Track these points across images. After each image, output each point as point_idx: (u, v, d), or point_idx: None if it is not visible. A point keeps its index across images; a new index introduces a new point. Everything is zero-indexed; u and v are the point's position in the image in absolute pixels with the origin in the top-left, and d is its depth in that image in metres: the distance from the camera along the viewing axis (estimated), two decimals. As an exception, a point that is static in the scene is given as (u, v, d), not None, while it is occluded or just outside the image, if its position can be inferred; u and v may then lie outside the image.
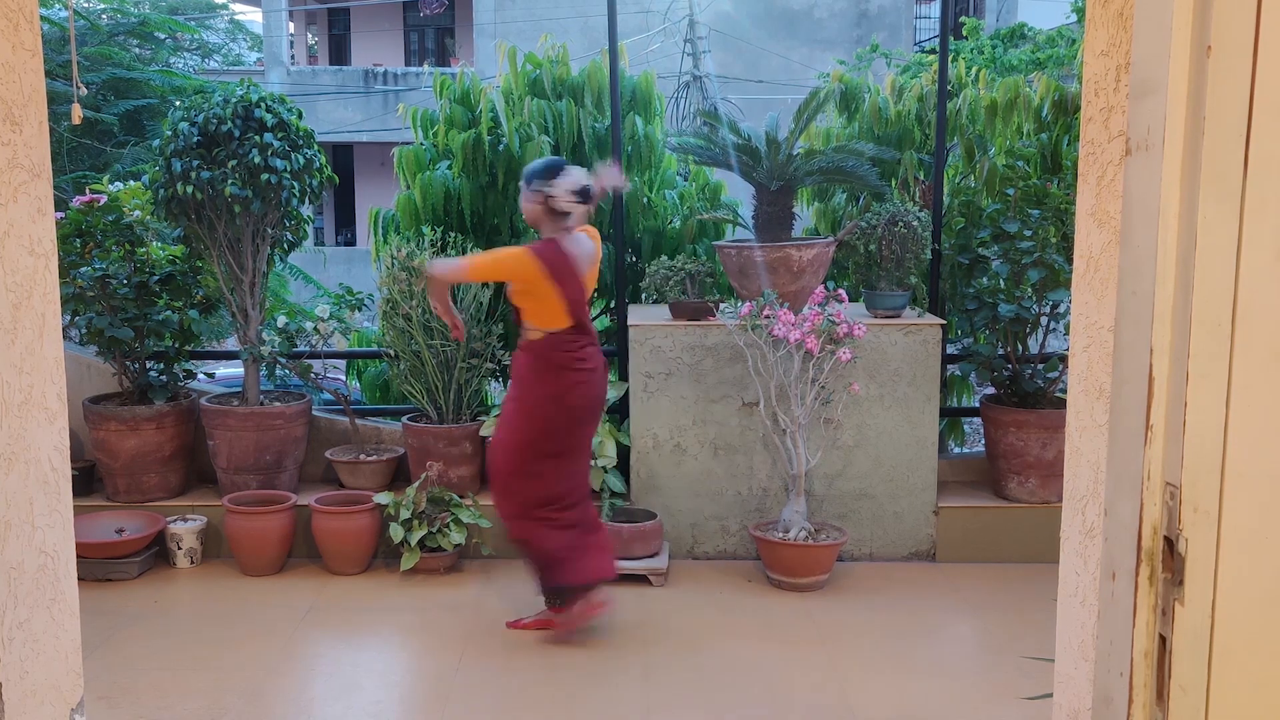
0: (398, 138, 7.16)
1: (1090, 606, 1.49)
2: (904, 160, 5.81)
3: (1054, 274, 4.85)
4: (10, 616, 1.50)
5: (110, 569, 4.70)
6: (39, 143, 1.56)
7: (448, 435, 5.01)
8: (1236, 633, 1.14)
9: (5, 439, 1.49)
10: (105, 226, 5.05)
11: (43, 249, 1.58)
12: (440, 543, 4.71)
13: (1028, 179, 5.25)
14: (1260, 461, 1.12)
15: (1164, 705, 1.17)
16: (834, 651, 4.03)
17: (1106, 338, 1.45)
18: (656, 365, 4.86)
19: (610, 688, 3.74)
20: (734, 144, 4.89)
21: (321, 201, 10.38)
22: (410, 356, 5.10)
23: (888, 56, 12.92)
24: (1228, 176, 1.10)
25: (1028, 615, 4.31)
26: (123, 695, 3.65)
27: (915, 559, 4.96)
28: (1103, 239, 1.48)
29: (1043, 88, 5.68)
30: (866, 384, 4.81)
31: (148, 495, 5.05)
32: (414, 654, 4.13)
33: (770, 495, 4.92)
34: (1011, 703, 3.60)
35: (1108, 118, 1.47)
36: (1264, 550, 1.13)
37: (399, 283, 5.04)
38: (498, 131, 5.56)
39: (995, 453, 5.04)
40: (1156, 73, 1.17)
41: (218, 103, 4.96)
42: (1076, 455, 1.55)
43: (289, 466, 5.13)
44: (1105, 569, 1.31)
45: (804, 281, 4.79)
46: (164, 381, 5.15)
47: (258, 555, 4.80)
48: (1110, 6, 1.45)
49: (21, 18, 1.51)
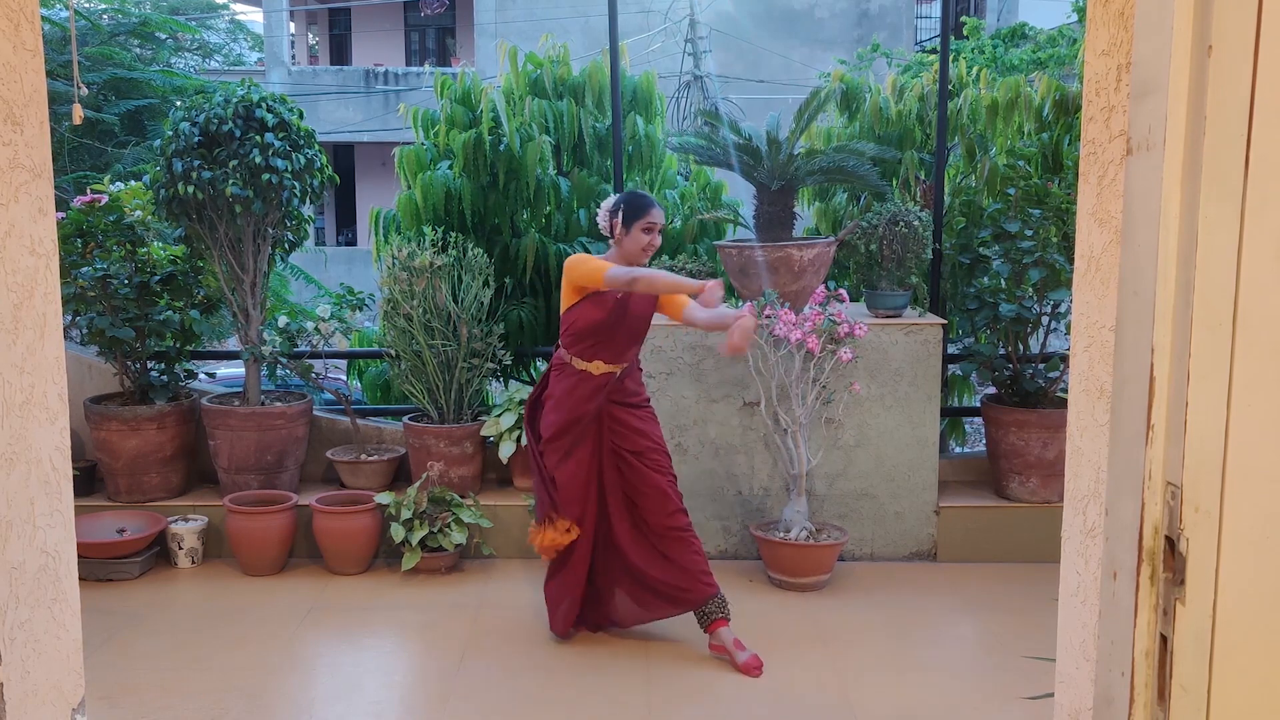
0: (399, 138, 7.16)
1: (1091, 606, 1.49)
2: (905, 160, 5.81)
3: (1055, 273, 4.85)
4: (12, 616, 1.50)
5: (111, 569, 4.70)
6: (40, 143, 1.56)
7: (449, 435, 5.01)
8: (1237, 632, 1.14)
9: (6, 439, 1.49)
10: (106, 226, 5.05)
11: (44, 249, 1.58)
12: (441, 543, 4.71)
13: (1029, 178, 5.25)
14: (1261, 461, 1.12)
15: (1165, 705, 1.17)
16: (835, 651, 4.02)
17: (1107, 337, 1.45)
18: (657, 365, 4.86)
19: (611, 687, 3.74)
20: (735, 144, 4.89)
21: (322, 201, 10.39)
22: (411, 356, 5.10)
23: (889, 56, 12.91)
24: (1229, 176, 1.10)
25: (1028, 615, 4.31)
26: (124, 695, 3.65)
27: (916, 559, 4.96)
28: (1104, 239, 1.48)
29: (1044, 87, 5.68)
30: (867, 384, 4.81)
31: (149, 495, 5.06)
32: (415, 654, 4.13)
33: (771, 495, 4.92)
34: (1012, 702, 3.60)
35: (1109, 117, 1.47)
36: (1265, 550, 1.13)
37: (400, 282, 5.04)
38: (499, 131, 5.56)
39: (996, 452, 5.04)
40: (1157, 72, 1.17)
41: (219, 103, 4.96)
42: (1078, 455, 1.55)
43: (290, 466, 5.13)
44: (1106, 568, 1.31)
45: (805, 281, 4.79)
46: (165, 381, 5.15)
47: (259, 555, 4.80)
48: (1111, 6, 1.45)
49: (22, 17, 1.51)
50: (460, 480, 5.02)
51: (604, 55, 5.54)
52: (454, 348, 5.05)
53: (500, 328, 5.20)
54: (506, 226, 5.70)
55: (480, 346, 5.10)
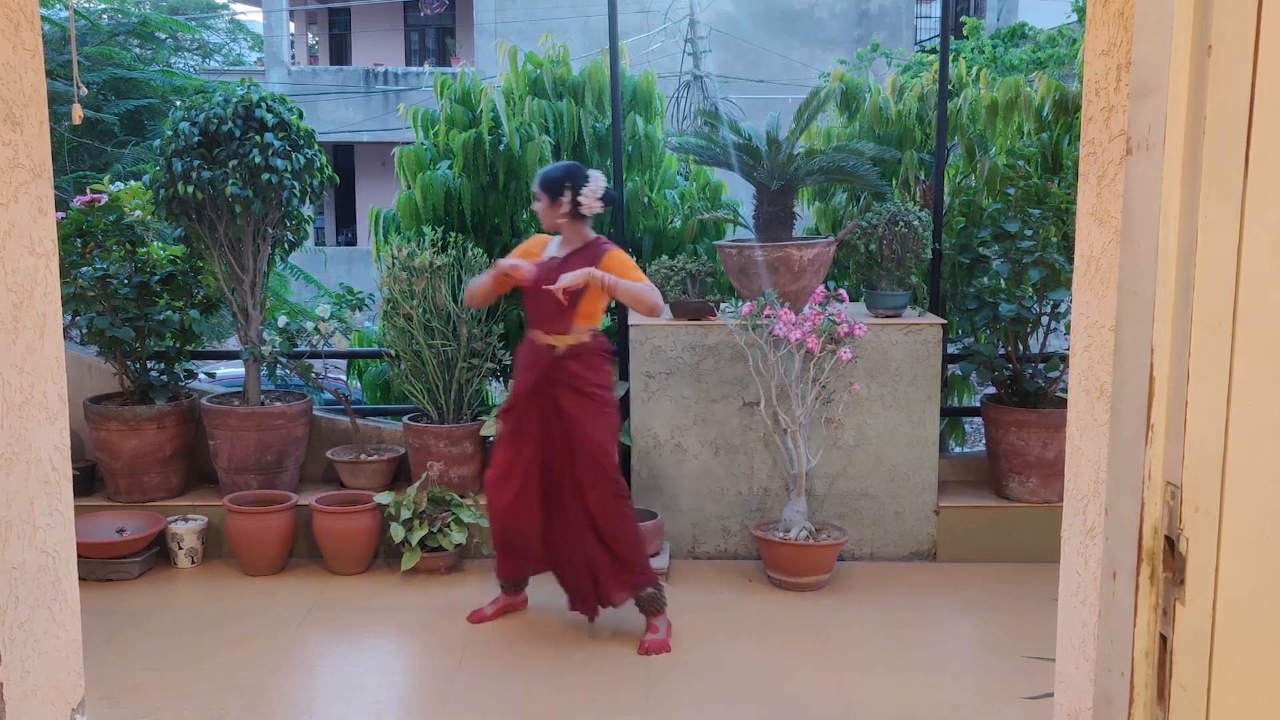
0: (398, 137, 7.15)
1: (1091, 606, 1.49)
2: (905, 160, 5.81)
3: (1055, 273, 4.85)
4: (11, 616, 1.50)
5: (111, 569, 4.70)
6: (40, 143, 1.56)
7: (448, 435, 5.01)
8: (1237, 632, 1.14)
9: (6, 439, 1.49)
10: (106, 226, 5.05)
11: (44, 249, 1.58)
12: (441, 543, 4.71)
13: (1028, 178, 5.25)
14: (1261, 461, 1.12)
15: (1165, 705, 1.17)
16: (834, 651, 4.02)
17: (1107, 337, 1.45)
18: (657, 365, 4.87)
19: (611, 687, 3.74)
20: (735, 143, 4.89)
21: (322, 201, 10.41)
22: (411, 356, 5.10)
23: (888, 56, 12.92)
24: (1228, 176, 1.10)
25: (1028, 615, 4.31)
26: (124, 695, 3.65)
27: (916, 559, 4.96)
28: (1103, 238, 1.48)
29: (1043, 87, 5.68)
30: (867, 384, 4.81)
31: (148, 495, 5.05)
32: (415, 654, 4.13)
33: (771, 495, 4.92)
34: (1012, 702, 3.60)
35: (1109, 117, 1.47)
36: (1265, 549, 1.13)
37: (400, 282, 5.04)
38: (498, 131, 5.56)
39: (996, 452, 5.04)
40: (1157, 72, 1.17)
41: (218, 103, 4.96)
42: (1077, 455, 1.55)
43: (290, 466, 5.13)
44: (1106, 568, 1.31)
45: (805, 281, 4.79)
46: (165, 381, 5.15)
47: (258, 555, 4.80)
48: (1111, 6, 1.45)
49: (22, 17, 1.51)
50: (460, 480, 5.02)
51: (604, 55, 5.53)
52: (454, 347, 5.05)
53: (500, 327, 5.19)
54: (506, 226, 5.70)
55: (480, 346, 5.10)
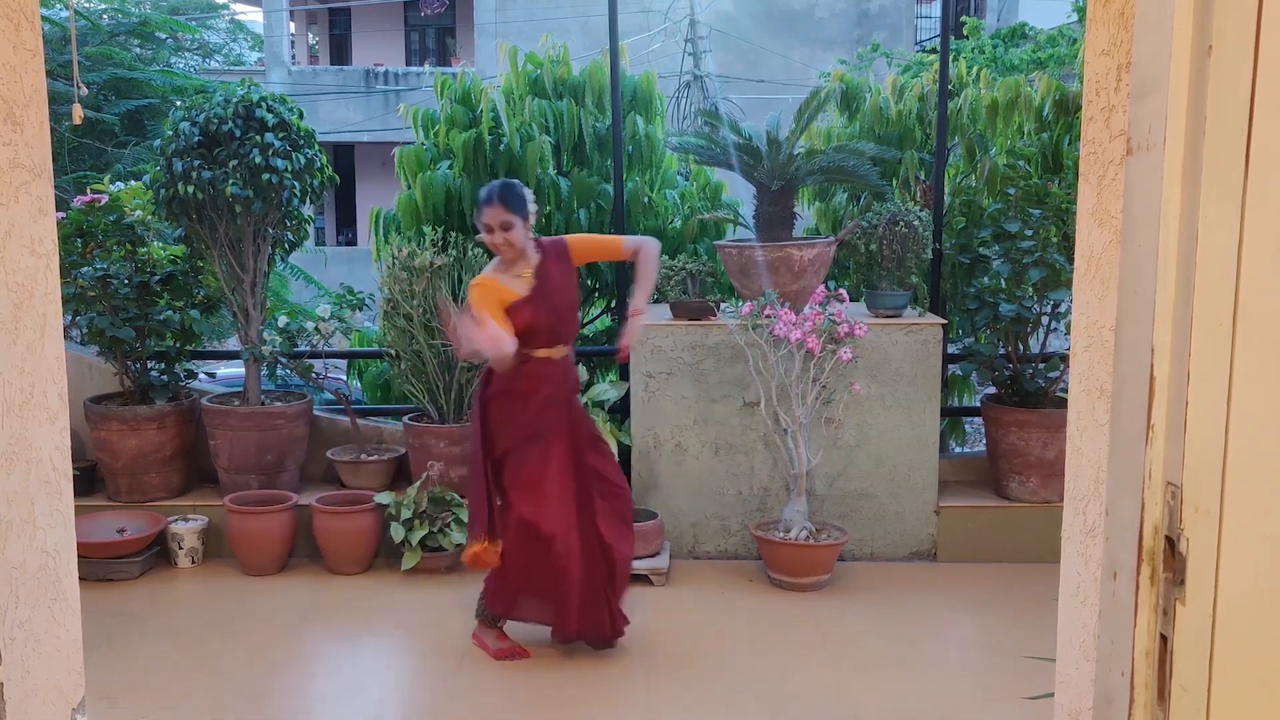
0: (399, 137, 7.15)
1: (1091, 606, 1.49)
2: (905, 160, 5.81)
3: (1055, 273, 4.85)
4: (12, 616, 1.50)
5: (112, 569, 4.70)
6: (40, 143, 1.56)
7: (449, 435, 5.01)
8: (1237, 632, 1.14)
9: (7, 439, 1.49)
10: (106, 226, 5.05)
11: (44, 249, 1.58)
12: (441, 542, 4.71)
13: (1029, 178, 5.25)
14: (1261, 461, 1.12)
15: (1165, 705, 1.17)
16: (835, 651, 4.02)
17: (1108, 337, 1.45)
18: (657, 365, 4.86)
19: (611, 687, 3.74)
20: (735, 143, 4.89)
21: (322, 201, 10.40)
22: (411, 356, 5.10)
23: (889, 56, 12.90)
24: (1229, 176, 1.10)
25: (1028, 615, 4.31)
26: (124, 695, 3.65)
27: (916, 559, 4.96)
28: (1104, 238, 1.48)
29: (1044, 87, 5.68)
30: (867, 384, 4.81)
31: (149, 495, 5.06)
32: (415, 654, 4.13)
33: (771, 495, 4.92)
34: (1012, 702, 3.60)
35: (1109, 117, 1.47)
36: (1265, 549, 1.13)
37: (400, 282, 5.04)
38: (499, 131, 5.56)
39: (996, 452, 5.04)
40: (1157, 72, 1.17)
41: (219, 103, 4.96)
42: (1078, 455, 1.55)
43: (290, 466, 5.13)
44: (1106, 568, 1.31)
45: (805, 281, 4.79)
46: (165, 381, 5.15)
47: (259, 555, 4.80)
48: (1111, 6, 1.45)
49: (22, 17, 1.51)
50: (460, 480, 5.02)
51: (604, 55, 5.54)
52: (454, 348, 5.05)
53: (500, 328, 5.19)
54: (506, 226, 5.69)
55: (480, 346, 5.09)
